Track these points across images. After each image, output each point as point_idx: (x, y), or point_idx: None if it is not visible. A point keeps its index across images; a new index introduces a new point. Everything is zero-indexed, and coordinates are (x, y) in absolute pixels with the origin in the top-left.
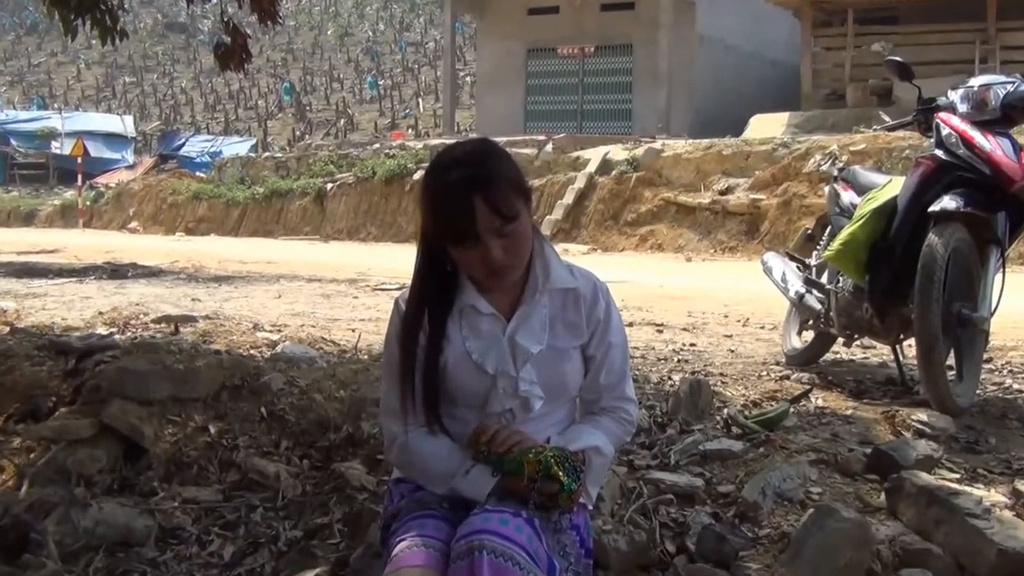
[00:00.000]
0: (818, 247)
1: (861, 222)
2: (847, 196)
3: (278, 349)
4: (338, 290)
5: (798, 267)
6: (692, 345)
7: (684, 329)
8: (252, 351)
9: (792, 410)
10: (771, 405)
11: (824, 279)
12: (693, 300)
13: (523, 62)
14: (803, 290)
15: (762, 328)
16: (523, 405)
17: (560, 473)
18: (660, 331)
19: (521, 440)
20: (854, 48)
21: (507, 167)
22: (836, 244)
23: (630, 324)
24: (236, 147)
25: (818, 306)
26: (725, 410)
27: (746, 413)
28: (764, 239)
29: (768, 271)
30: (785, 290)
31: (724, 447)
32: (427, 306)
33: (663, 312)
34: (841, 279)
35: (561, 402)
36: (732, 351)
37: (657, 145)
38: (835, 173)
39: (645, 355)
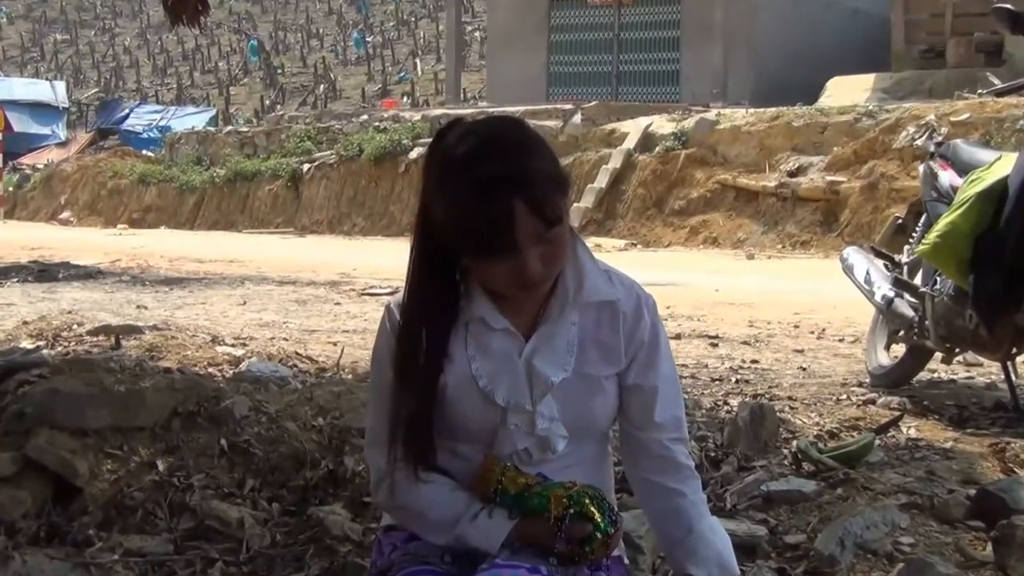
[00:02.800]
0: (911, 240)
1: (963, 209)
2: (946, 177)
3: (242, 367)
4: (316, 295)
5: (886, 265)
6: (754, 362)
7: (744, 343)
8: (210, 369)
9: (878, 442)
10: (851, 436)
11: (918, 280)
12: (755, 307)
13: (545, 13)
14: (892, 293)
15: (841, 341)
16: (541, 445)
17: (595, 511)
18: (714, 345)
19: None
20: None
21: (546, 156)
22: (932, 236)
23: (677, 336)
24: (191, 119)
25: (910, 313)
26: (794, 442)
27: (820, 446)
28: (844, 232)
29: (849, 270)
30: (870, 293)
31: (793, 487)
32: (426, 316)
33: (718, 322)
34: (939, 280)
35: (588, 440)
36: (804, 369)
37: (711, 115)
38: (932, 149)
39: (696, 374)
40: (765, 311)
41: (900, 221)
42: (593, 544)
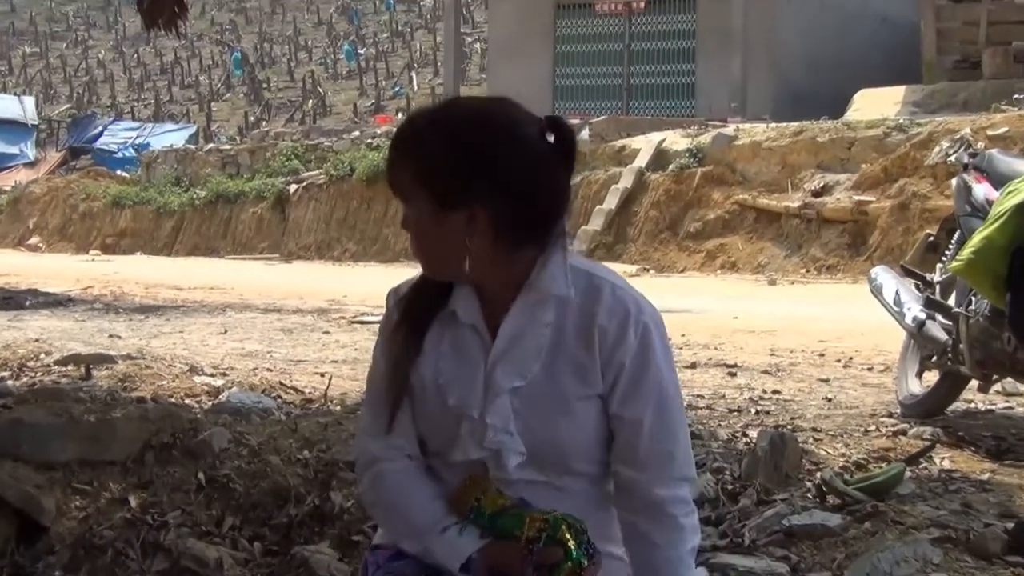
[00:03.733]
0: (943, 258)
1: (999, 223)
2: (981, 189)
3: (222, 397)
4: (303, 323)
5: (917, 285)
6: (775, 392)
7: (765, 372)
8: (187, 400)
9: (909, 473)
10: (880, 467)
11: (951, 300)
12: (778, 335)
13: (550, 22)
14: (923, 315)
15: (869, 370)
16: (495, 460)
17: (570, 539)
18: (733, 374)
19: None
20: (991, 0)
21: (456, 150)
22: (966, 252)
23: (692, 365)
24: (170, 137)
25: (944, 336)
26: (818, 473)
27: (846, 477)
28: (873, 255)
29: (877, 291)
30: (900, 316)
31: (816, 521)
32: (407, 302)
33: (737, 350)
34: (974, 299)
35: (558, 471)
36: (829, 400)
37: (729, 130)
38: (965, 160)
39: (712, 405)
40: (788, 339)
41: (932, 238)
42: (562, 573)
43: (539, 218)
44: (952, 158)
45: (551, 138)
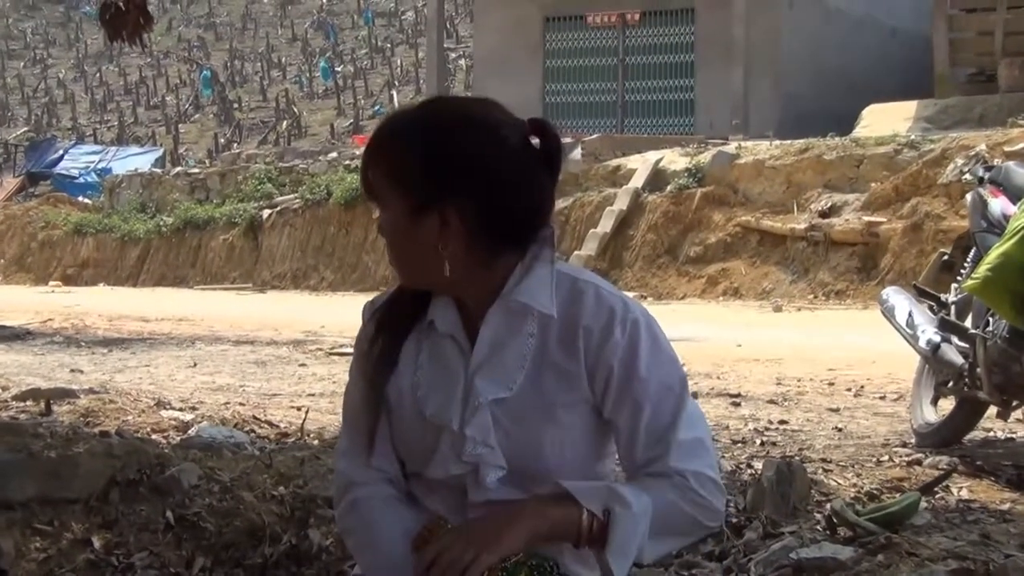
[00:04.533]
0: (959, 277)
1: (1017, 238)
2: (997, 204)
3: (191, 432)
4: (278, 355)
5: (931, 306)
6: (782, 423)
7: (771, 402)
8: (154, 435)
9: (924, 504)
10: (894, 497)
11: (968, 321)
12: (784, 363)
13: (539, 36)
14: (938, 338)
15: (882, 399)
16: (474, 475)
17: None
18: (736, 404)
19: (476, 558)
20: (1008, 9)
21: (429, 150)
22: (983, 270)
23: (693, 395)
24: (135, 161)
25: (960, 360)
26: (828, 504)
27: (858, 507)
28: (884, 279)
29: (889, 313)
30: (913, 339)
31: (827, 554)
32: (384, 314)
33: (741, 379)
34: (992, 320)
35: (542, 486)
36: (839, 430)
37: (731, 148)
38: (980, 173)
39: (715, 436)
40: (795, 367)
41: (946, 257)
42: None
43: (518, 223)
44: (967, 176)
45: (535, 142)
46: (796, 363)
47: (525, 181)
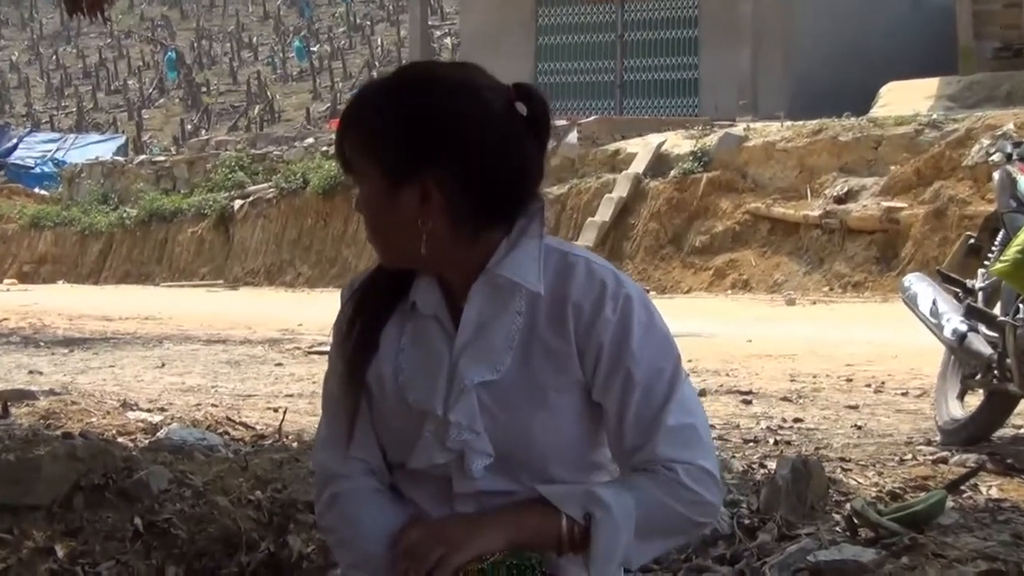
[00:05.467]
0: (986, 262)
1: None
2: None
3: (160, 434)
4: (252, 355)
5: (957, 294)
6: (797, 421)
7: (784, 399)
8: (120, 438)
9: (951, 503)
10: (918, 497)
11: (997, 309)
12: (798, 359)
13: (531, 12)
14: (964, 327)
15: (904, 395)
16: (458, 464)
17: None
18: (747, 402)
19: (447, 554)
20: None
21: (407, 117)
22: (1012, 252)
23: (701, 393)
24: (95, 149)
25: (988, 350)
26: (848, 504)
27: (880, 507)
28: (905, 269)
29: (911, 301)
30: (937, 328)
31: (847, 557)
32: (362, 293)
33: (752, 377)
34: (1022, 306)
35: (533, 474)
36: (859, 427)
37: (738, 130)
38: (1009, 150)
39: (725, 435)
40: (810, 364)
41: (973, 240)
42: None
43: (502, 195)
44: (994, 157)
45: (521, 108)
46: (811, 359)
47: (510, 149)
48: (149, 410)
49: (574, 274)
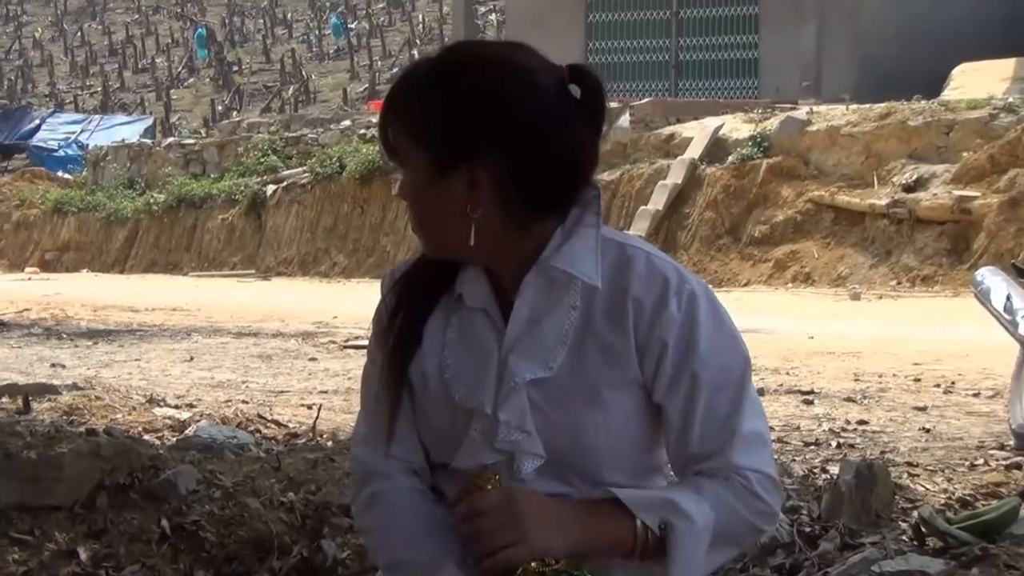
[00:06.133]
0: None
1: None
2: None
3: (188, 432)
4: (285, 349)
5: None
6: (861, 423)
7: (848, 399)
8: (147, 435)
9: None
10: (991, 504)
11: None
12: (863, 357)
13: None
14: None
15: (976, 396)
16: (507, 464)
17: None
18: (809, 402)
19: (509, 545)
20: None
21: (457, 101)
22: None
23: (759, 392)
24: (121, 131)
25: None
26: (915, 512)
27: (950, 515)
28: (978, 262)
29: (984, 296)
30: (1012, 324)
31: (914, 567)
32: (405, 284)
33: (813, 375)
34: None
35: (586, 482)
36: (927, 431)
37: (801, 114)
38: None
39: (784, 438)
40: (875, 362)
41: None
42: None
43: (555, 183)
44: None
45: (575, 91)
46: (876, 357)
47: (563, 134)
48: (177, 406)
49: (633, 267)
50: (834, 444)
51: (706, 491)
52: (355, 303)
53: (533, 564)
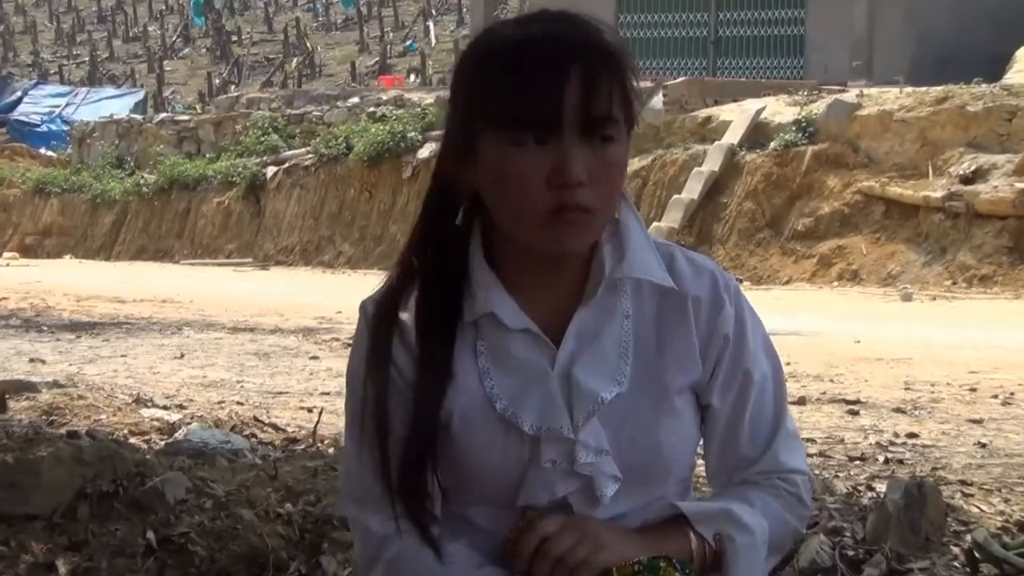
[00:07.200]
0: None
1: None
2: None
3: (178, 435)
4: (284, 346)
5: None
6: (911, 436)
7: (897, 410)
8: (133, 438)
9: None
10: None
11: None
12: (913, 364)
13: None
14: None
15: None
16: (585, 491)
17: (675, 571)
18: (854, 413)
19: (593, 554)
20: None
21: (624, 46)
22: None
23: (800, 401)
24: (110, 105)
25: None
26: (968, 535)
27: (1006, 539)
28: None
29: None
30: None
31: None
32: (432, 315)
33: (860, 383)
34: None
35: (653, 490)
36: (983, 445)
37: (850, 97)
38: None
39: (827, 451)
40: (927, 370)
41: None
42: None
43: None
44: None
45: None
46: (929, 364)
47: None
48: (166, 407)
49: (677, 265)
50: (881, 459)
51: (755, 501)
52: (361, 297)
53: (624, 568)
